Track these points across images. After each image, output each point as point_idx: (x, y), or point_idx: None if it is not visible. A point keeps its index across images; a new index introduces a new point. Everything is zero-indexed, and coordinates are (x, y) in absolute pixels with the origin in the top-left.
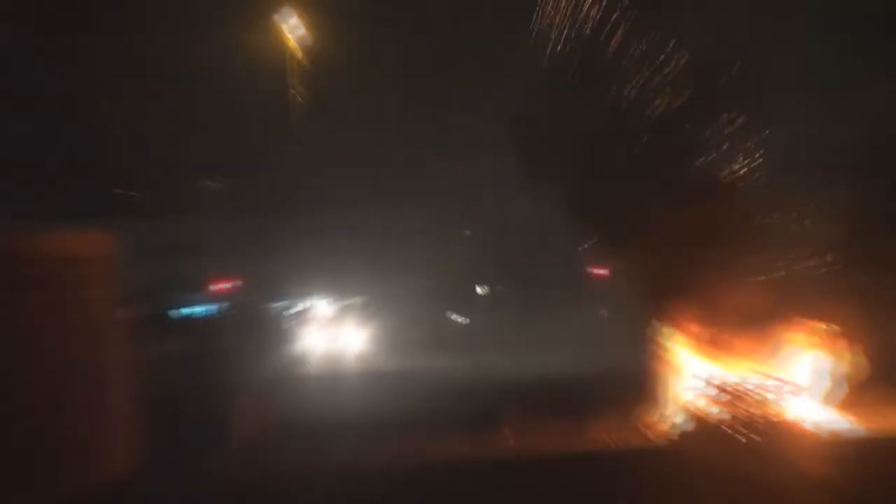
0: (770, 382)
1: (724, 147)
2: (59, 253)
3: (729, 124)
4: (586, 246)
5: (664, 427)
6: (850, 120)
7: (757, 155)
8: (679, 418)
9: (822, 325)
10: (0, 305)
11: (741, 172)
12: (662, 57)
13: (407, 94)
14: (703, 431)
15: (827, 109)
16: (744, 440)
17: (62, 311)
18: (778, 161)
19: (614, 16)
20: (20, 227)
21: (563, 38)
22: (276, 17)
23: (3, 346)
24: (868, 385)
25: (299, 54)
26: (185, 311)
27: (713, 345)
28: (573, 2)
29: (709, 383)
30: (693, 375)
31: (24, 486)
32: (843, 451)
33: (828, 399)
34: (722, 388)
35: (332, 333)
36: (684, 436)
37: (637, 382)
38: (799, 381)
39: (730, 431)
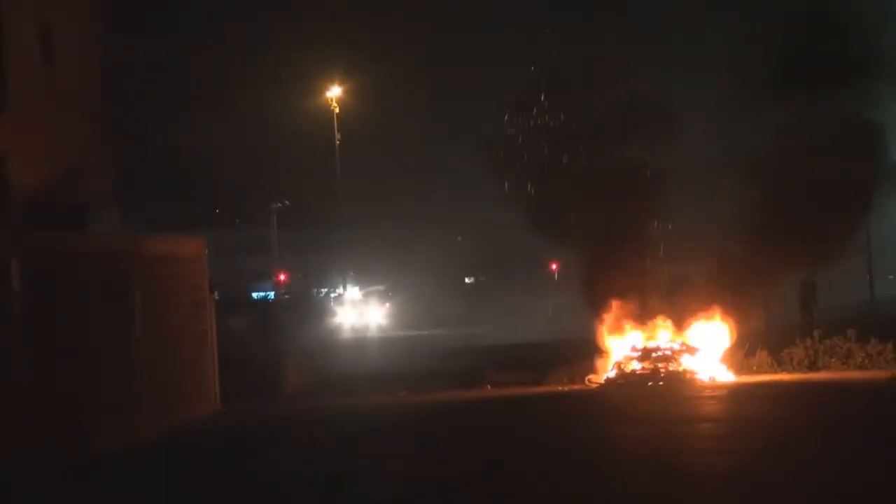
0: (677, 346)
1: (647, 168)
2: (170, 252)
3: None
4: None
5: (597, 377)
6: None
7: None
8: (608, 371)
9: (718, 306)
10: (132, 290)
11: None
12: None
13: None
14: (623, 379)
15: (722, 133)
16: (650, 384)
17: (173, 294)
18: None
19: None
20: (147, 233)
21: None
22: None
23: (136, 318)
24: (749, 350)
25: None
26: (255, 294)
27: (639, 320)
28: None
29: (633, 348)
30: (622, 342)
31: (154, 417)
32: (720, 392)
33: (717, 358)
34: (641, 351)
35: (359, 311)
36: (609, 382)
37: (581, 347)
38: (697, 346)
39: (641, 380)
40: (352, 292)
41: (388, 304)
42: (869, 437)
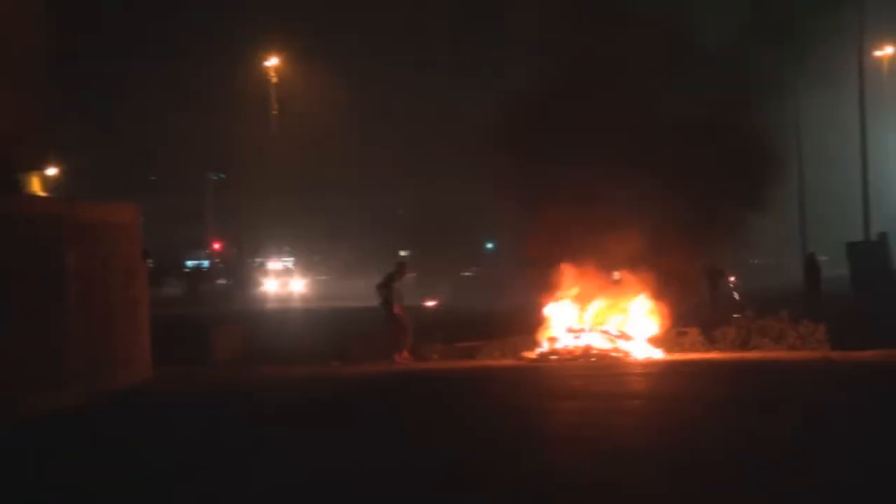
0: (610, 328)
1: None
2: (103, 218)
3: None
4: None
5: (531, 353)
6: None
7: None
8: (542, 347)
9: (648, 290)
10: (63, 255)
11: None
12: None
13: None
14: (556, 355)
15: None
16: (581, 361)
17: (105, 260)
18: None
19: None
20: (80, 199)
21: None
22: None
23: (66, 284)
24: (681, 331)
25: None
26: (189, 262)
27: (578, 299)
28: None
29: (570, 329)
30: (558, 321)
31: (83, 383)
32: (650, 369)
33: (649, 337)
34: (576, 329)
35: (283, 280)
36: (542, 357)
37: (519, 324)
38: (630, 326)
39: (571, 356)
40: (275, 263)
41: (310, 275)
42: (783, 413)
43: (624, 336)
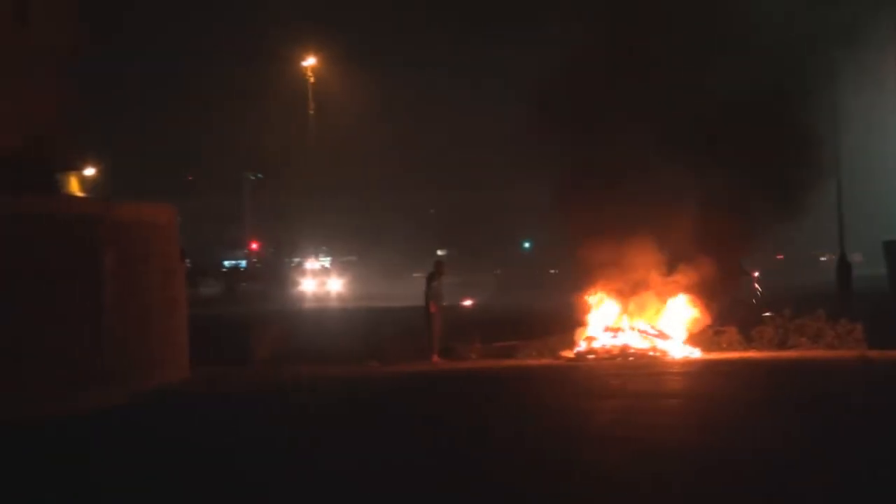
0: (648, 327)
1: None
2: (141, 218)
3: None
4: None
5: (569, 353)
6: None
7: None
8: (579, 347)
9: (686, 288)
10: (101, 256)
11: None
12: None
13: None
14: (594, 355)
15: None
16: (619, 360)
17: (142, 260)
18: None
19: None
20: (118, 199)
21: None
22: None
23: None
24: (718, 330)
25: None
26: (227, 262)
27: (615, 294)
28: None
29: (607, 328)
30: (596, 320)
31: (121, 382)
32: (688, 369)
33: (687, 336)
34: (613, 328)
35: (321, 280)
36: (579, 356)
37: (557, 323)
38: (669, 326)
39: (608, 355)
40: (313, 263)
41: (347, 275)
42: (822, 413)
43: (662, 335)
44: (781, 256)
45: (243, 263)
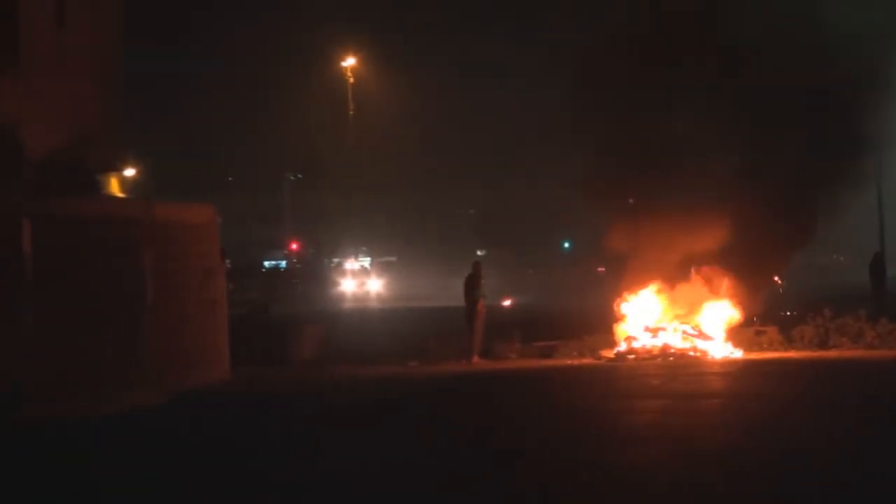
0: (689, 327)
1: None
2: (182, 218)
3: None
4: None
5: (609, 352)
6: None
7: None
8: (620, 347)
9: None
10: (142, 255)
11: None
12: None
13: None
14: (633, 355)
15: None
16: (659, 360)
17: (183, 260)
18: None
19: None
20: (158, 199)
21: None
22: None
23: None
24: (758, 330)
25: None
26: (267, 262)
27: (656, 297)
28: None
29: (647, 327)
30: (636, 319)
31: (162, 382)
32: (729, 369)
33: (727, 336)
34: (653, 328)
35: (360, 280)
36: (619, 356)
37: (597, 323)
38: (709, 326)
39: (649, 355)
40: (352, 263)
41: (387, 275)
42: (865, 414)
43: (702, 335)
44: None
45: (283, 264)
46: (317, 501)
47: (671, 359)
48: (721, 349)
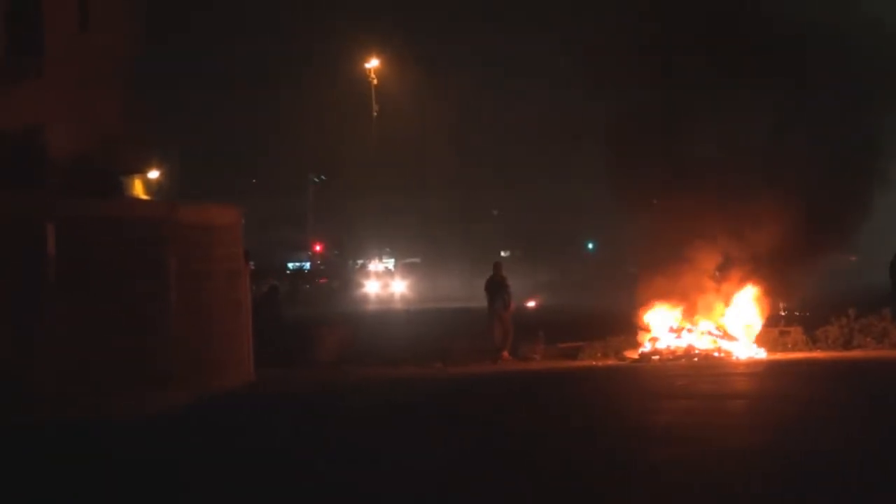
0: (713, 327)
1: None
2: (206, 220)
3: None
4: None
5: (633, 353)
6: None
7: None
8: (644, 348)
9: (755, 290)
10: (166, 257)
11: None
12: None
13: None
14: (658, 356)
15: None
16: (684, 361)
17: (207, 262)
18: None
19: None
20: (182, 201)
21: None
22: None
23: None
24: (783, 330)
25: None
26: (291, 264)
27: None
28: None
29: (671, 328)
30: (660, 320)
31: (187, 384)
32: (753, 369)
33: (752, 336)
34: (677, 329)
35: (384, 282)
36: (643, 357)
37: (620, 324)
38: (734, 326)
39: (673, 356)
40: (376, 264)
41: (411, 276)
42: (891, 415)
43: (726, 336)
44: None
45: (307, 265)
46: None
47: (695, 359)
48: (745, 350)
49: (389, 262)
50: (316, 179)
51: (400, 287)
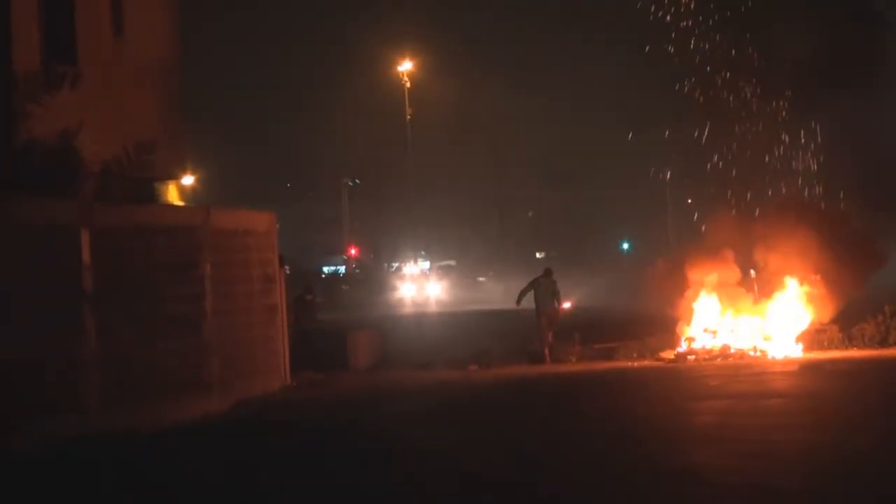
0: (748, 327)
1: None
2: (241, 226)
3: None
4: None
5: (668, 353)
6: None
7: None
8: (680, 348)
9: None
10: (201, 263)
11: None
12: None
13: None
14: (693, 356)
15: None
16: (719, 361)
17: (242, 268)
18: None
19: None
20: (217, 207)
21: None
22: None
23: (205, 292)
24: (819, 328)
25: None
26: (325, 268)
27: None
28: None
29: (707, 328)
30: (696, 320)
31: (223, 390)
32: (790, 368)
33: (784, 336)
34: (713, 329)
35: (420, 285)
36: (679, 357)
37: (656, 324)
38: (773, 326)
39: (709, 356)
40: (411, 267)
41: (444, 280)
42: None
43: (762, 335)
44: None
45: (342, 269)
46: None
47: (731, 359)
48: (781, 349)
49: (425, 265)
50: (350, 183)
51: (435, 290)
